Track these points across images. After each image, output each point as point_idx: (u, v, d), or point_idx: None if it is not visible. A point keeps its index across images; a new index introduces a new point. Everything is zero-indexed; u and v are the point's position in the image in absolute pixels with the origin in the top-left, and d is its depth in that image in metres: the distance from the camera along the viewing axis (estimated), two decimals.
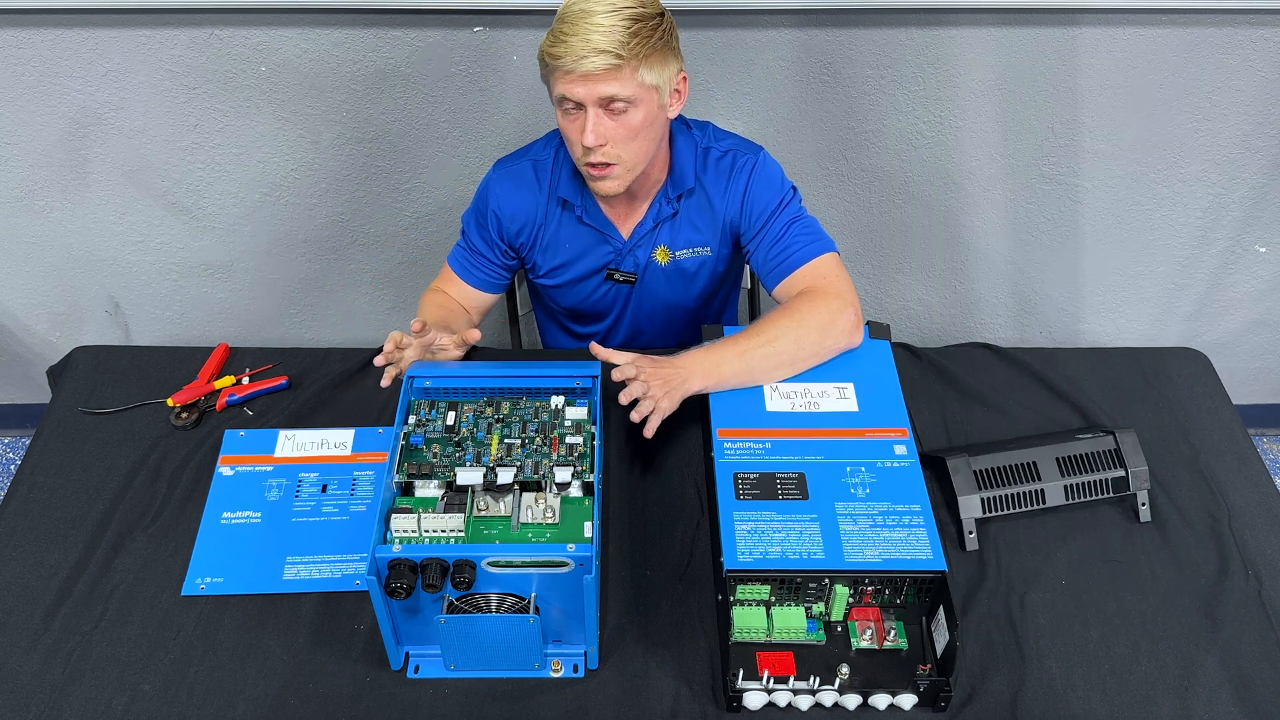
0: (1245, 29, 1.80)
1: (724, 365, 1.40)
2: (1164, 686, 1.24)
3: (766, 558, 1.21)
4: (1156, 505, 1.44)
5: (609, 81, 1.34)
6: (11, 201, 1.99)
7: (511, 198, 1.56)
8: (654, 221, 1.56)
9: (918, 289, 2.22)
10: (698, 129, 1.56)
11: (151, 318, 2.22)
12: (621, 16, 1.32)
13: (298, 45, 1.80)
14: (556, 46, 1.33)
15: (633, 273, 1.61)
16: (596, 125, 1.37)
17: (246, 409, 1.56)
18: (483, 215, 1.59)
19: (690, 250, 1.59)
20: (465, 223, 1.64)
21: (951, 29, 1.81)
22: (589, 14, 1.32)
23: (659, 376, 1.35)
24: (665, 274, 1.61)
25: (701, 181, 1.54)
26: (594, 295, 1.66)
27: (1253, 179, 2.03)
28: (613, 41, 1.31)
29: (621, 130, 1.38)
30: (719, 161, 1.54)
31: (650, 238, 1.57)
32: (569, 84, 1.35)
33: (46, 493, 1.44)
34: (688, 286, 1.64)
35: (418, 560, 1.14)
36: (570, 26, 1.33)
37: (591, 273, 1.62)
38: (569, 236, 1.58)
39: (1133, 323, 2.31)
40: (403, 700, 1.21)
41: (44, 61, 1.80)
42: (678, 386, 1.36)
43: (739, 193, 1.54)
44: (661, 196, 1.55)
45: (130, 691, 1.22)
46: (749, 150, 1.55)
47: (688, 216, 1.56)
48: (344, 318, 2.25)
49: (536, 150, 1.58)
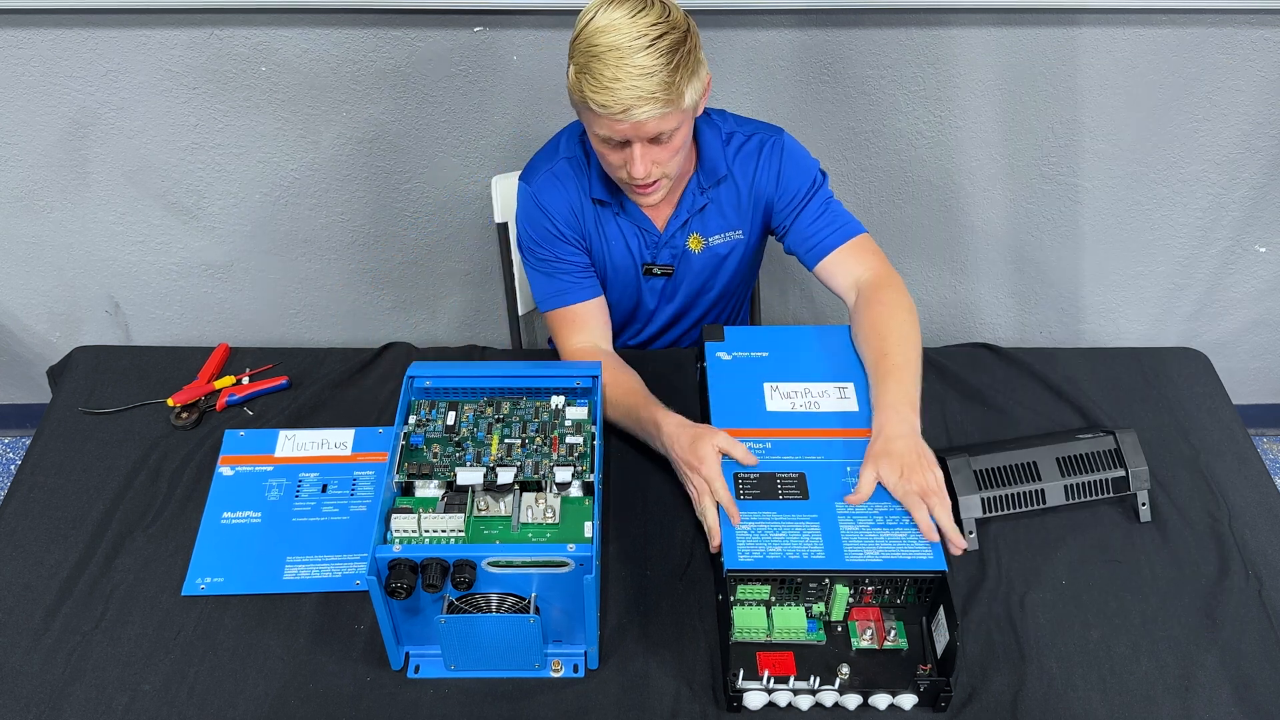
0: (1245, 29, 1.80)
1: (911, 393, 1.36)
2: (1164, 686, 1.24)
3: (767, 558, 1.21)
4: (1156, 505, 1.44)
5: (659, 122, 1.31)
6: (11, 201, 1.99)
7: (557, 198, 1.53)
8: (688, 213, 1.56)
9: (917, 289, 2.22)
10: (717, 116, 1.56)
11: (151, 318, 2.22)
12: (660, 51, 1.26)
13: (298, 45, 1.80)
14: (601, 94, 1.27)
15: (669, 264, 1.61)
16: (644, 156, 1.35)
17: (246, 409, 1.56)
18: (541, 228, 1.53)
19: (723, 235, 1.59)
20: (530, 250, 1.56)
21: (951, 29, 1.81)
22: (624, 53, 1.26)
23: (908, 463, 1.27)
24: (700, 260, 1.61)
25: (730, 169, 1.55)
26: (630, 291, 1.65)
27: (1253, 179, 2.03)
28: (660, 84, 1.26)
29: (666, 154, 1.38)
30: (744, 145, 1.54)
31: (684, 229, 1.58)
32: (614, 127, 1.32)
33: (46, 493, 1.44)
34: (721, 270, 1.64)
35: (418, 560, 1.14)
36: (609, 70, 1.26)
37: (630, 268, 1.61)
38: (609, 234, 1.57)
39: (1133, 323, 2.31)
40: (403, 700, 1.21)
41: (44, 61, 1.80)
42: (923, 451, 1.29)
43: (773, 174, 1.54)
44: (694, 186, 1.54)
45: (130, 691, 1.22)
46: (772, 132, 1.56)
47: (717, 203, 1.57)
48: (344, 318, 2.25)
49: (565, 148, 1.54)
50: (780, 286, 2.24)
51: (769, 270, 2.16)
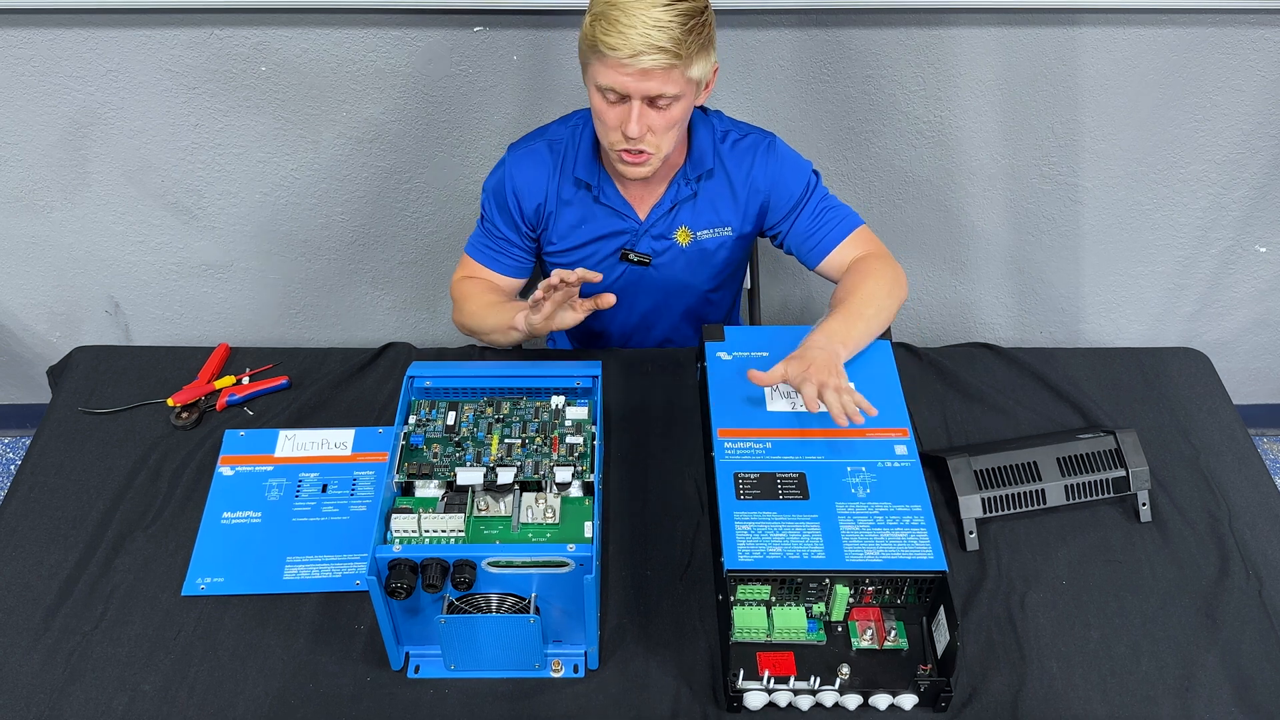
0: (1245, 29, 1.80)
1: (850, 331, 1.41)
2: (1164, 686, 1.24)
3: (767, 558, 1.21)
4: (1157, 505, 1.44)
5: (662, 79, 1.34)
6: (11, 201, 1.99)
7: (528, 177, 1.56)
8: (672, 202, 1.57)
9: (918, 289, 2.22)
10: (714, 116, 1.58)
11: (151, 318, 2.22)
12: (678, 13, 1.31)
13: (298, 45, 1.80)
14: (611, 36, 1.31)
15: (647, 254, 1.61)
16: (641, 117, 1.37)
17: (246, 409, 1.56)
18: (502, 198, 1.58)
19: (712, 230, 1.60)
20: (486, 208, 1.62)
21: (951, 29, 1.81)
22: (644, 5, 1.30)
23: (816, 365, 1.31)
24: (685, 255, 1.62)
25: (722, 163, 1.56)
26: (606, 278, 1.65)
27: (1253, 179, 2.03)
28: (671, 39, 1.30)
29: (662, 122, 1.40)
30: (738, 143, 1.56)
31: (667, 219, 1.58)
32: (618, 76, 1.34)
33: (46, 493, 1.44)
34: (705, 267, 1.65)
35: (418, 560, 1.14)
36: (624, 15, 1.30)
37: (606, 254, 1.62)
38: (585, 217, 1.59)
39: (1133, 323, 2.31)
40: (403, 700, 1.21)
41: (44, 61, 1.80)
42: (834, 362, 1.34)
43: (768, 175, 1.56)
44: (680, 178, 1.55)
45: (130, 691, 1.22)
46: (766, 136, 1.58)
47: (708, 198, 1.58)
48: (344, 318, 2.25)
49: (553, 131, 1.58)
50: (780, 286, 2.24)
51: (769, 269, 2.16)
